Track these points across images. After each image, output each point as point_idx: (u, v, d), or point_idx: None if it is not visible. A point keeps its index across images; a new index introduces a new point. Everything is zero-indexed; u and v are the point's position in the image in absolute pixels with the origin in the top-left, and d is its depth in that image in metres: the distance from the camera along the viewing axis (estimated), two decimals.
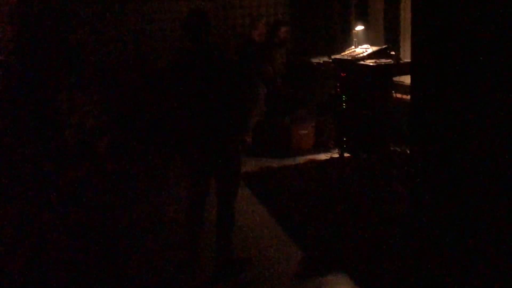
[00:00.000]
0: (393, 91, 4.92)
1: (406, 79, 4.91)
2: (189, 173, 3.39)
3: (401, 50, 5.51)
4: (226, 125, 3.22)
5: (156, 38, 6.56)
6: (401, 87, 5.07)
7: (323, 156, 5.78)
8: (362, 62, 4.79)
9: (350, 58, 5.01)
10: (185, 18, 3.21)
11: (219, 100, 3.16)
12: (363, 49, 5.10)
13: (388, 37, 5.86)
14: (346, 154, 5.52)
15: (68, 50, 6.00)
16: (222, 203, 3.37)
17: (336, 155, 5.63)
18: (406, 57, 5.18)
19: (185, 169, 3.46)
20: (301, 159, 5.75)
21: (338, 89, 5.35)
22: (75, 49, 6.13)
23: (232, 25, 6.83)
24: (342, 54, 5.44)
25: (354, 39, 5.50)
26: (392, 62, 4.63)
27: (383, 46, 5.03)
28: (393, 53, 4.76)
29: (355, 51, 5.25)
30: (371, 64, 4.65)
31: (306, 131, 6.09)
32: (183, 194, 3.62)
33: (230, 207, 3.38)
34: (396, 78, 5.05)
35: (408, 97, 4.21)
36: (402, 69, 4.64)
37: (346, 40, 6.41)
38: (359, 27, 5.58)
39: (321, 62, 6.08)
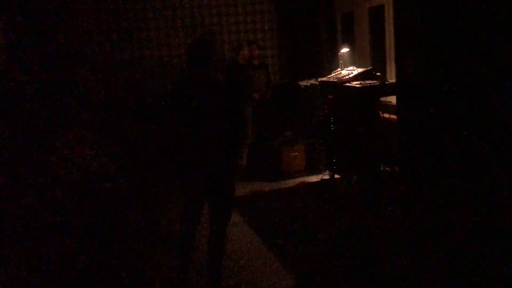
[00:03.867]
0: (380, 112, 4.94)
1: (393, 99, 4.94)
2: (183, 197, 3.37)
3: (387, 70, 5.57)
4: (223, 148, 3.22)
5: (153, 67, 6.69)
6: (388, 107, 5.10)
7: (314, 178, 5.77)
8: (348, 84, 4.82)
9: (336, 80, 5.05)
10: (190, 45, 3.28)
11: (217, 123, 3.18)
12: (349, 71, 5.15)
13: (373, 58, 5.93)
14: (336, 176, 5.51)
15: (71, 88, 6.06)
16: (214, 229, 3.35)
17: (327, 177, 5.62)
18: (391, 78, 5.23)
19: (180, 193, 3.44)
20: (292, 182, 5.72)
21: (326, 111, 5.37)
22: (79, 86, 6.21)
23: (221, 50, 6.93)
24: (328, 76, 5.49)
25: (340, 61, 5.55)
26: (378, 83, 4.66)
27: (369, 68, 5.08)
28: (378, 74, 4.80)
29: (341, 73, 5.29)
30: (357, 85, 4.68)
31: (297, 154, 6.09)
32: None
33: (221, 232, 3.35)
34: (383, 98, 5.08)
35: (395, 116, 4.24)
36: (388, 89, 4.67)
37: (333, 62, 6.48)
38: (345, 49, 5.64)
39: (309, 84, 6.13)
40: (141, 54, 6.63)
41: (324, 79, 5.46)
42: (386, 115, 4.98)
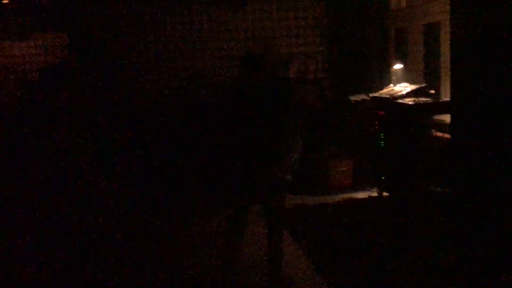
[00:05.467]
0: (433, 130, 4.83)
1: (447, 118, 4.82)
2: (233, 203, 3.51)
3: (441, 88, 5.43)
4: (279, 154, 3.37)
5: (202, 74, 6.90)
6: (441, 126, 4.97)
7: (361, 195, 5.66)
8: (400, 101, 4.76)
9: (388, 96, 5.00)
10: (244, 56, 3.66)
11: (274, 128, 3.36)
12: (402, 88, 5.08)
13: (427, 75, 5.81)
14: (385, 194, 5.41)
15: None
16: (272, 238, 3.45)
17: (375, 194, 5.53)
18: (446, 96, 5.10)
19: (229, 199, 3.57)
20: (339, 197, 5.63)
21: (377, 127, 5.31)
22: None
23: (272, 63, 7.01)
24: (380, 92, 5.44)
25: (393, 78, 5.49)
26: (431, 100, 4.57)
27: (422, 85, 4.99)
28: (432, 91, 4.71)
29: (393, 89, 5.23)
30: (409, 102, 4.61)
31: (345, 168, 5.99)
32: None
33: (280, 235, 3.46)
34: (436, 117, 4.97)
35: (449, 136, 4.13)
36: (442, 107, 4.57)
37: (385, 78, 6.39)
38: (398, 66, 5.57)
39: (359, 100, 6.08)
40: (193, 63, 6.85)
41: (376, 94, 5.42)
42: (439, 134, 4.87)
